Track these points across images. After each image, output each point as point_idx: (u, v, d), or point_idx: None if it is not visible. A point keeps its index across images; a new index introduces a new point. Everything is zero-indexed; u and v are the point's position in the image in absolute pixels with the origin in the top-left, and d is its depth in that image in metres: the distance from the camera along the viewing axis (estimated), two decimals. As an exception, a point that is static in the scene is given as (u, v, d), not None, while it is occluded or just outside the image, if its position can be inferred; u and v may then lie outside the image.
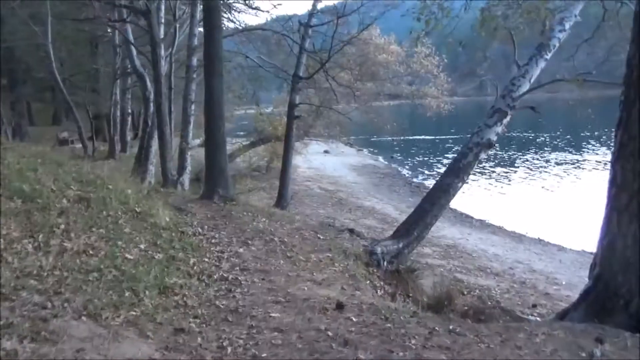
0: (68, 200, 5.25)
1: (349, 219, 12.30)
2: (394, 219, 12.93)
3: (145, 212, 5.77)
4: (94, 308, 2.94)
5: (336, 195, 16.03)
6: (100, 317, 2.87)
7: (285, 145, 11.07)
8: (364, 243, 6.90)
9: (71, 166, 6.88)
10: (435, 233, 11.75)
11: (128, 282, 3.62)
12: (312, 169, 22.05)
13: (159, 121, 9.71)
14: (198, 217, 6.63)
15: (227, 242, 5.76)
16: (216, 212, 6.95)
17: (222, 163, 7.51)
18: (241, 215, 6.89)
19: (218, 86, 7.34)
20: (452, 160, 8.15)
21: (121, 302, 3.18)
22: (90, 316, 2.84)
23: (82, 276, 3.56)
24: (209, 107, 7.37)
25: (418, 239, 7.69)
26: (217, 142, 7.41)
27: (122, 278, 3.72)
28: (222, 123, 7.46)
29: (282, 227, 6.75)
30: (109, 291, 3.36)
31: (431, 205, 7.73)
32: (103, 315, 2.90)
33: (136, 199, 6.11)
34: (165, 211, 6.31)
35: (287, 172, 10.99)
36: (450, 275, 7.91)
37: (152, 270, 4.12)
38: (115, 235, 4.77)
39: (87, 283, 3.42)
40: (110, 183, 6.41)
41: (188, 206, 7.09)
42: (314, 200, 14.68)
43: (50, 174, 5.98)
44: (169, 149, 9.75)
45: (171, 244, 5.11)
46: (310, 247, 6.20)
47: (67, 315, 2.76)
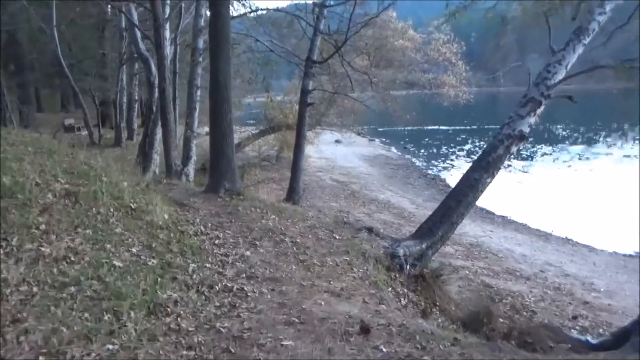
0: (54, 195, 4.63)
1: (363, 213, 11.63)
2: (411, 213, 12.26)
3: (141, 208, 5.14)
4: (58, 343, 2.30)
5: (349, 187, 15.34)
6: (64, 356, 2.23)
7: (297, 135, 10.38)
8: (384, 244, 6.23)
9: (64, 155, 6.27)
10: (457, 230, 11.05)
11: (110, 300, 2.99)
12: (323, 159, 21.37)
13: (163, 108, 9.06)
14: (201, 213, 5.99)
15: (233, 243, 5.12)
16: (221, 207, 6.31)
17: (228, 153, 6.84)
18: (249, 211, 6.24)
19: (224, 69, 6.65)
20: (480, 154, 7.42)
21: (97, 331, 2.54)
22: (51, 355, 2.21)
23: (54, 292, 2.93)
24: (215, 92, 6.69)
25: (442, 240, 7.01)
26: (223, 131, 6.75)
27: (104, 294, 3.08)
28: (229, 109, 6.78)
29: (294, 225, 6.10)
30: (85, 313, 2.73)
31: (457, 202, 7.04)
32: (68, 353, 2.26)
33: (132, 193, 5.48)
34: (165, 207, 5.68)
35: (298, 163, 10.30)
36: (476, 279, 7.23)
37: (143, 282, 3.49)
38: (104, 236, 4.15)
39: (59, 303, 2.78)
40: (105, 174, 5.79)
41: (191, 201, 6.46)
42: (326, 193, 14.01)
43: (38, 164, 5.37)
44: (172, 138, 9.11)
45: (168, 247, 4.48)
46: (326, 248, 5.55)
47: (20, 356, 2.13)
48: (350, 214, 11.24)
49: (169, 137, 9.09)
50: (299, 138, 10.33)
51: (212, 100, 6.81)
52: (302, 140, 10.37)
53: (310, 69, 9.80)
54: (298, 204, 9.59)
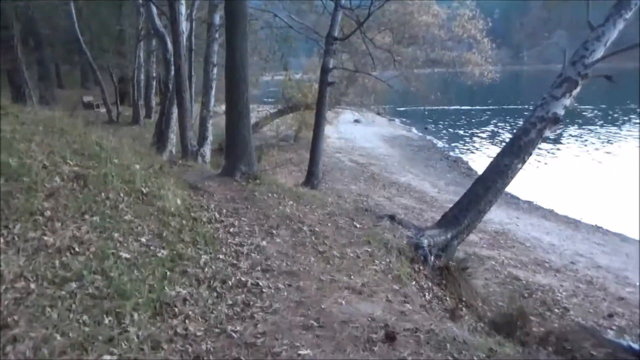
0: (62, 179, 4.42)
1: (383, 197, 11.29)
2: (433, 197, 11.87)
3: (153, 193, 4.90)
4: (48, 353, 2.06)
5: (368, 169, 14.96)
6: (54, 370, 1.99)
7: (317, 115, 9.98)
8: (408, 233, 5.90)
9: (76, 135, 6.05)
10: (479, 215, 10.67)
11: (113, 300, 2.75)
12: (342, 139, 20.97)
13: (178, 86, 8.78)
14: (216, 198, 5.74)
15: (248, 232, 4.86)
16: (237, 192, 6.05)
17: (245, 135, 6.55)
18: (265, 196, 5.97)
19: (241, 46, 6.30)
20: (511, 138, 6.97)
21: (94, 337, 2.30)
22: (40, 368, 1.97)
23: (53, 290, 2.70)
24: (231, 69, 6.36)
25: (469, 229, 6.65)
26: (240, 111, 6.44)
27: (108, 291, 2.84)
28: (246, 88, 6.45)
29: (313, 212, 5.81)
30: (83, 316, 2.49)
31: (485, 189, 6.64)
32: (59, 366, 2.02)
33: (144, 177, 5.25)
34: (178, 191, 5.44)
35: (318, 145, 9.92)
36: (503, 271, 6.88)
37: (150, 277, 3.25)
38: (112, 224, 3.92)
39: (56, 303, 2.55)
40: (117, 156, 5.57)
41: (205, 184, 6.20)
42: (345, 175, 13.67)
43: (47, 145, 5.15)
44: (188, 117, 8.85)
45: (180, 236, 4.23)
46: (346, 238, 5.25)
47: (4, 370, 1.89)
48: (370, 197, 10.92)
49: (185, 116, 8.83)
50: (319, 118, 9.95)
51: (228, 79, 6.49)
52: (321, 121, 9.98)
53: (331, 46, 9.37)
54: (317, 188, 9.29)
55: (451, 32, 16.67)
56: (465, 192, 6.91)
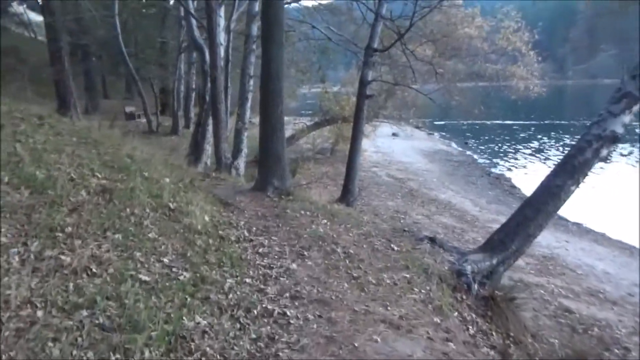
0: (87, 192, 4.26)
1: (421, 214, 10.81)
2: (474, 217, 11.29)
3: (181, 209, 4.69)
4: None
5: (406, 184, 14.48)
6: None
7: (354, 129, 9.64)
8: (449, 258, 5.47)
9: (109, 147, 5.96)
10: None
11: (124, 332, 2.49)
12: (379, 153, 20.53)
13: (213, 97, 8.68)
14: (246, 215, 5.49)
15: (278, 253, 4.57)
16: (269, 209, 5.78)
17: (278, 149, 6.30)
18: (298, 214, 5.68)
19: (277, 56, 6.09)
20: (564, 157, 6.42)
21: (96, 380, 2.03)
22: None
23: (60, 319, 2.47)
24: (266, 80, 6.15)
25: (516, 254, 6.12)
26: (274, 124, 6.21)
27: (120, 321, 2.59)
28: (281, 100, 6.22)
29: (347, 233, 5.47)
30: (88, 352, 2.24)
31: (535, 211, 6.11)
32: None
33: (173, 191, 5.06)
34: (207, 207, 5.23)
35: (354, 161, 9.55)
36: (554, 302, 6.31)
37: (169, 304, 2.99)
38: (135, 242, 3.70)
39: (61, 335, 2.31)
40: (147, 169, 5.42)
41: (236, 200, 5.98)
42: (382, 190, 13.25)
43: (78, 156, 5.04)
44: (223, 129, 8.72)
45: (205, 256, 3.98)
46: (382, 262, 4.88)
47: None
48: (407, 215, 10.47)
49: (219, 128, 8.70)
50: (356, 132, 9.60)
51: (263, 91, 6.28)
52: (359, 135, 9.63)
53: (370, 57, 9.06)
54: (352, 205, 8.93)
55: (495, 44, 16.11)
56: (513, 214, 6.40)
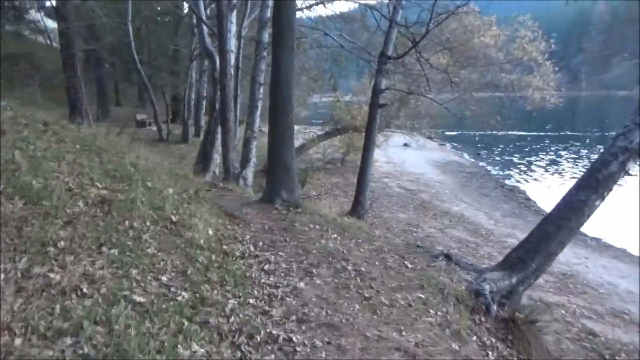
0: (85, 203, 4.05)
1: (434, 227, 10.47)
2: (489, 230, 10.92)
3: (183, 222, 4.45)
4: None
5: (418, 196, 14.14)
6: None
7: (366, 139, 9.33)
8: (467, 277, 5.16)
9: (112, 155, 5.77)
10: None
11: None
12: (390, 163, 20.21)
13: (222, 105, 8.49)
14: (252, 228, 5.24)
15: (285, 270, 4.30)
16: (276, 222, 5.53)
17: (287, 159, 6.06)
18: (307, 228, 5.41)
19: (287, 62, 5.86)
20: (587, 170, 6.09)
21: None
22: None
23: (39, 348, 2.22)
24: (275, 87, 5.93)
25: (537, 273, 5.79)
26: (283, 133, 5.97)
27: (107, 351, 2.34)
28: (291, 108, 5.99)
29: (358, 248, 5.19)
30: (66, 390, 1.99)
31: (557, 228, 5.79)
32: None
33: (176, 203, 4.83)
34: (212, 219, 4.99)
35: (366, 173, 9.23)
36: (576, 323, 5.95)
37: (163, 329, 2.73)
38: (132, 259, 3.46)
39: (37, 369, 2.07)
40: (150, 179, 5.20)
41: (243, 212, 5.73)
42: (393, 202, 12.93)
43: (78, 164, 4.84)
44: (232, 138, 8.51)
45: (206, 274, 3.72)
46: (396, 281, 4.58)
47: None
48: (420, 228, 10.15)
49: (228, 137, 8.50)
50: (368, 143, 9.30)
51: (272, 99, 6.06)
52: (371, 146, 9.32)
53: (384, 65, 8.80)
54: (363, 218, 8.63)
55: (510, 54, 15.81)
56: (533, 230, 6.08)
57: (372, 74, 9.67)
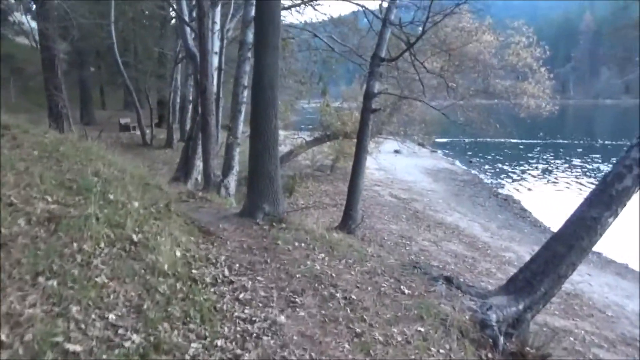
0: (28, 221, 3.44)
1: (428, 240, 9.92)
2: (485, 243, 10.40)
3: (146, 242, 3.84)
4: None
5: (411, 205, 13.60)
6: None
7: (358, 147, 8.71)
8: (470, 304, 4.59)
9: (74, 162, 5.16)
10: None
11: None
12: (381, 170, 19.67)
13: (203, 109, 7.90)
14: (229, 247, 4.63)
15: (264, 300, 3.70)
16: (256, 239, 4.92)
17: (270, 169, 5.47)
18: (291, 246, 4.82)
19: (271, 62, 5.29)
20: (598, 184, 5.58)
21: None
22: None
23: None
24: (258, 89, 5.34)
25: (545, 298, 5.24)
26: (266, 140, 5.38)
27: None
28: (275, 113, 5.41)
29: (349, 271, 4.60)
30: None
31: (567, 248, 5.27)
32: None
33: (141, 219, 4.21)
34: (182, 237, 4.37)
35: (357, 183, 8.56)
36: (587, 353, 5.42)
37: (96, 394, 2.12)
38: (75, 291, 2.86)
39: None
40: (113, 190, 4.58)
41: (219, 227, 5.12)
42: (385, 212, 12.38)
43: (30, 174, 4.22)
44: (213, 143, 7.91)
45: (167, 308, 3.11)
46: (391, 310, 4.01)
47: None
48: (413, 241, 9.60)
49: (209, 142, 7.91)
50: (360, 151, 8.68)
51: (254, 102, 5.48)
52: (362, 154, 8.69)
53: (377, 67, 8.25)
54: (354, 233, 8.04)
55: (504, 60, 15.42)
56: (540, 250, 5.54)
57: (363, 79, 9.12)
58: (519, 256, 9.75)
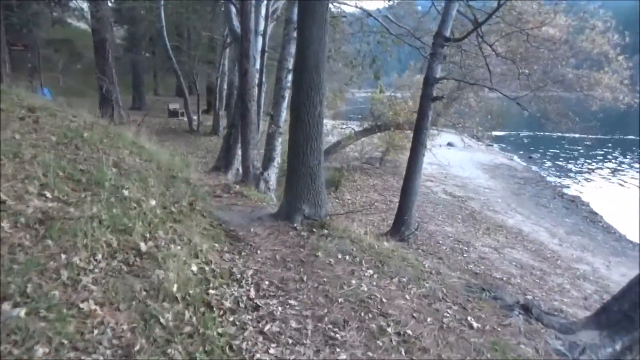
0: (14, 224, 2.84)
1: (488, 246, 8.85)
2: (554, 252, 9.20)
3: (156, 252, 3.15)
4: None
5: (467, 204, 12.47)
6: None
7: (415, 140, 7.59)
8: (556, 344, 3.63)
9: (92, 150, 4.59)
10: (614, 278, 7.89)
11: None
12: (434, 165, 18.45)
13: (243, 93, 7.20)
14: (259, 258, 3.88)
15: (295, 334, 2.92)
16: (293, 248, 4.15)
17: (312, 164, 4.67)
18: (333, 259, 4.01)
19: (317, 38, 4.46)
20: None
21: None
22: None
23: None
24: (301, 71, 4.54)
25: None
26: (308, 131, 4.58)
27: None
28: (319, 99, 4.59)
29: (403, 294, 3.75)
30: None
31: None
32: None
33: (155, 221, 3.54)
34: (203, 245, 3.66)
35: (413, 183, 7.38)
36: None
37: None
38: (46, 325, 2.18)
39: None
40: (131, 184, 3.95)
41: (250, 232, 4.39)
42: (439, 211, 11.34)
43: (35, 164, 3.65)
44: (252, 132, 7.21)
45: (166, 348, 2.39)
46: (457, 352, 3.13)
47: None
48: (471, 246, 8.57)
49: (248, 130, 7.21)
50: (416, 146, 7.57)
51: (296, 85, 4.68)
52: (420, 149, 7.53)
53: (441, 48, 7.22)
54: (408, 242, 7.10)
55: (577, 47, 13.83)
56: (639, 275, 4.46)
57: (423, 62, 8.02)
58: (595, 269, 8.52)
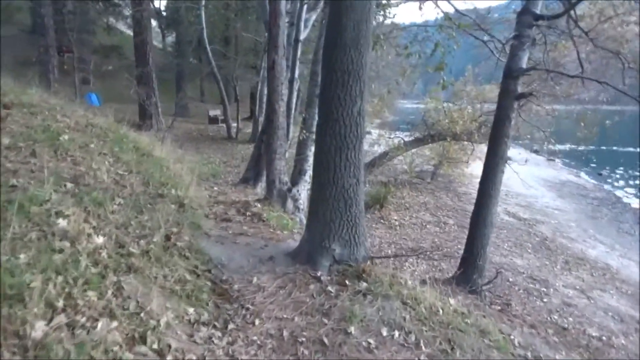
0: None
1: (572, 287, 7.05)
2: (657, 297, 7.25)
3: (49, 344, 1.79)
4: None
5: (536, 229, 10.57)
6: None
7: (490, 154, 5.79)
8: None
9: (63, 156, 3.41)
10: None
11: None
12: (491, 180, 16.54)
13: (270, 91, 5.90)
14: (254, 336, 2.45)
15: None
16: (311, 316, 2.69)
17: (348, 184, 3.23)
18: (372, 339, 2.53)
19: (359, 5, 3.04)
20: None
21: None
22: None
23: None
24: (332, 48, 3.13)
25: None
26: (343, 134, 3.15)
27: None
28: (359, 90, 3.15)
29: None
30: None
31: None
32: None
33: (92, 274, 2.21)
34: (166, 314, 2.28)
35: (488, 209, 5.60)
36: None
37: None
38: None
39: None
40: (74, 208, 2.68)
41: (252, 283, 2.98)
42: (503, 237, 9.54)
43: None
44: (280, 139, 5.86)
45: None
46: None
47: None
48: (551, 287, 6.82)
49: (275, 137, 5.87)
50: (493, 159, 5.41)
51: (326, 71, 3.27)
52: (498, 164, 5.61)
53: (529, 29, 5.55)
54: (480, 295, 5.37)
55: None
56: None
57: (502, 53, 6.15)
58: None
